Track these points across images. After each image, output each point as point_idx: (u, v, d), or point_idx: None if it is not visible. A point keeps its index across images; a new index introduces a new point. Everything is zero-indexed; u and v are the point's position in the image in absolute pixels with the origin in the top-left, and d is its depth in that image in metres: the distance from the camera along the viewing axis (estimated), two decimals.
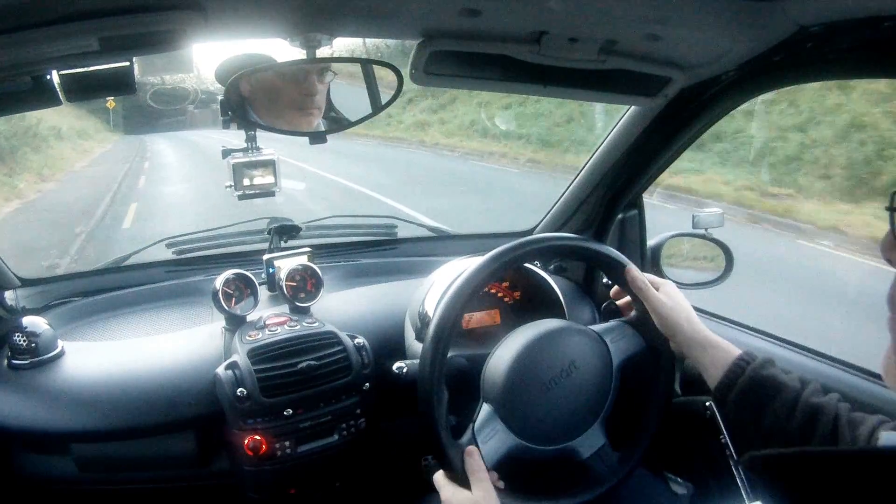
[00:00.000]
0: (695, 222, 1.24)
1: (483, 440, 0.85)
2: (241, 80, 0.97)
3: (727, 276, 1.25)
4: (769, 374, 0.80)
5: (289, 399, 1.04)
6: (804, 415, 0.76)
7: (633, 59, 0.89)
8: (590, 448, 0.91)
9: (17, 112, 0.84)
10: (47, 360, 1.08)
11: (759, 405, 0.78)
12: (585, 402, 0.91)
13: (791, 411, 0.76)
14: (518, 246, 0.89)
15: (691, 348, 0.86)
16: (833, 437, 0.74)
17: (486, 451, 0.84)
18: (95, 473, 1.11)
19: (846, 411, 0.76)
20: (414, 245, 1.64)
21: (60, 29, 0.66)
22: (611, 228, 1.35)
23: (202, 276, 1.42)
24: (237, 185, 1.15)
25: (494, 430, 0.86)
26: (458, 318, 0.86)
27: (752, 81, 0.95)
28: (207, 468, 1.14)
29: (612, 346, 0.93)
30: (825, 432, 0.74)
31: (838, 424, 0.74)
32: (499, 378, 0.88)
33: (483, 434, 0.85)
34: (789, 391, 0.78)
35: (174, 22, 0.69)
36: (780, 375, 0.80)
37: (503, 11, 0.76)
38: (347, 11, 0.78)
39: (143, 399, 1.04)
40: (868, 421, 0.74)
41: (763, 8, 0.73)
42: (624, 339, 0.94)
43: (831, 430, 0.74)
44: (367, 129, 13.85)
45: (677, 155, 1.20)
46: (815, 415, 0.76)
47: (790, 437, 0.76)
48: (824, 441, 0.74)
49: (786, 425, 0.76)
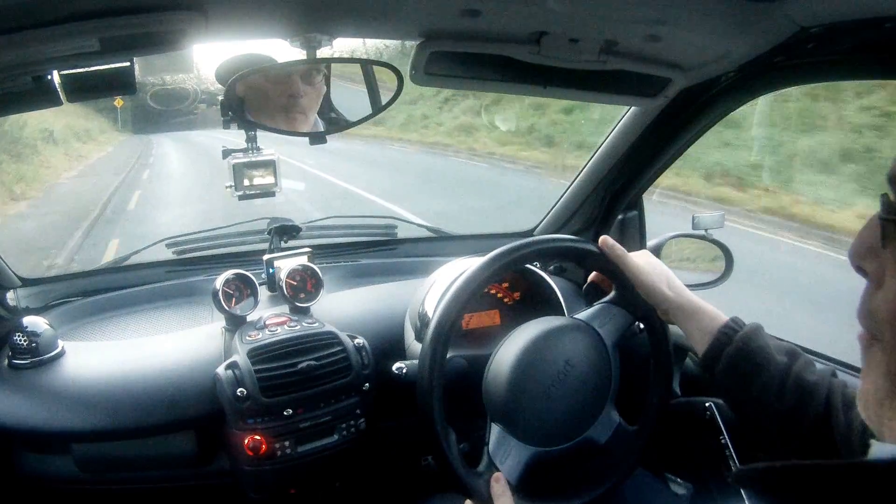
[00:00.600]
0: (695, 223, 1.24)
1: (501, 461, 0.85)
2: (239, 80, 0.97)
3: (727, 277, 1.25)
4: (757, 345, 0.77)
5: (289, 399, 1.04)
6: (794, 392, 0.74)
7: (633, 59, 0.89)
8: (606, 432, 0.91)
9: (18, 112, 0.84)
10: (48, 359, 1.08)
11: (747, 378, 0.76)
12: (590, 393, 0.91)
13: (781, 387, 0.74)
14: (518, 248, 0.89)
15: (676, 315, 0.85)
16: (826, 418, 0.72)
17: (506, 470, 0.85)
18: (95, 473, 1.11)
19: (840, 388, 0.73)
20: (414, 245, 1.64)
21: (61, 29, 0.66)
22: (610, 229, 1.35)
23: (202, 276, 1.42)
24: (237, 185, 1.15)
25: (509, 447, 0.86)
26: (457, 318, 0.86)
27: (752, 82, 0.96)
28: (207, 468, 1.14)
29: (602, 330, 0.93)
30: (817, 413, 0.72)
31: (831, 404, 0.72)
32: (500, 395, 0.88)
33: (500, 455, 0.86)
34: (777, 365, 0.75)
35: (175, 22, 0.69)
36: (768, 347, 0.77)
37: (503, 12, 0.76)
38: (347, 12, 0.78)
39: (143, 399, 1.04)
40: None
41: (763, 9, 0.73)
42: (611, 319, 0.94)
43: (824, 411, 0.72)
44: (402, 132, 12.77)
45: (677, 156, 1.20)
46: (807, 393, 0.73)
47: (782, 417, 0.74)
48: (817, 422, 0.72)
49: (776, 403, 0.74)
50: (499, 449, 0.86)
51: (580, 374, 0.90)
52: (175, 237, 1.49)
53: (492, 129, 10.47)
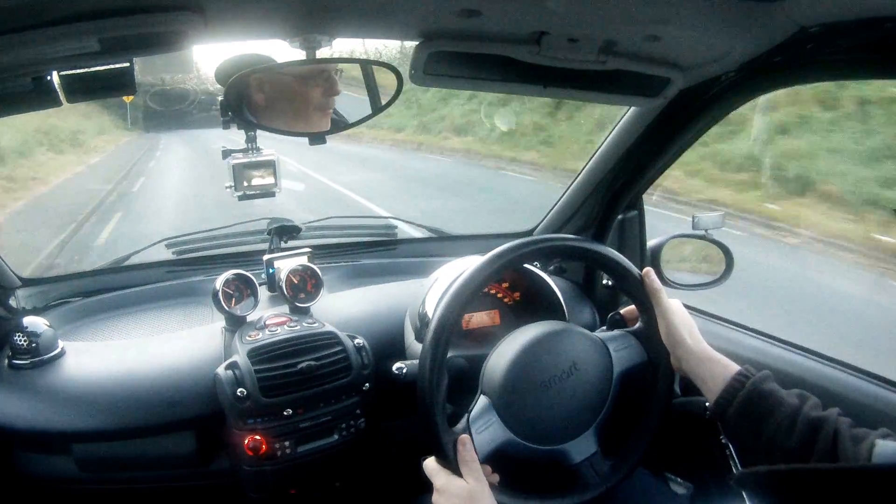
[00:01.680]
0: (695, 223, 1.24)
1: (477, 430, 0.85)
2: (249, 86, 0.97)
3: (727, 277, 1.25)
4: (768, 389, 0.79)
5: (289, 399, 1.04)
6: (803, 430, 0.75)
7: (633, 59, 0.89)
8: (581, 454, 0.91)
9: (17, 113, 0.84)
10: (48, 360, 1.08)
11: (758, 420, 0.78)
12: (582, 406, 0.91)
13: (791, 426, 0.76)
14: (521, 245, 0.89)
15: (690, 361, 0.87)
16: (833, 453, 0.73)
17: (478, 441, 0.84)
18: (96, 473, 1.12)
19: (847, 426, 0.75)
20: (413, 246, 1.65)
21: (61, 30, 0.66)
22: (610, 229, 1.35)
23: (202, 276, 1.42)
24: (237, 185, 1.15)
25: (489, 422, 0.86)
26: (458, 318, 0.86)
27: (752, 82, 0.95)
28: (207, 468, 1.14)
29: (615, 354, 0.93)
30: (825, 448, 0.73)
31: (838, 440, 0.73)
32: (499, 372, 0.88)
33: (477, 425, 0.85)
34: (788, 406, 0.77)
35: (174, 23, 0.69)
36: (779, 391, 0.80)
37: (503, 12, 0.76)
38: (347, 12, 0.78)
39: (143, 399, 1.05)
40: (871, 436, 0.72)
41: (763, 8, 0.73)
42: (627, 349, 0.94)
43: (831, 446, 0.73)
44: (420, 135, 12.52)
45: (677, 156, 1.20)
46: (815, 430, 0.75)
47: (790, 454, 0.75)
48: (823, 457, 0.73)
49: (785, 441, 0.75)
50: (479, 419, 0.86)
51: (582, 382, 0.90)
52: (175, 237, 1.49)
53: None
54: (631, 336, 0.95)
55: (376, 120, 1.00)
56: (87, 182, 9.52)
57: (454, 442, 0.82)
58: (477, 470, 0.81)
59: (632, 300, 0.96)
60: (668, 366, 0.93)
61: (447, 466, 0.82)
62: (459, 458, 0.81)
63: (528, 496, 0.87)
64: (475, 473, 0.80)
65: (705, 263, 1.29)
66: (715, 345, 0.87)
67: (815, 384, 1.01)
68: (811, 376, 1.04)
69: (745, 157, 6.00)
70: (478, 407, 0.87)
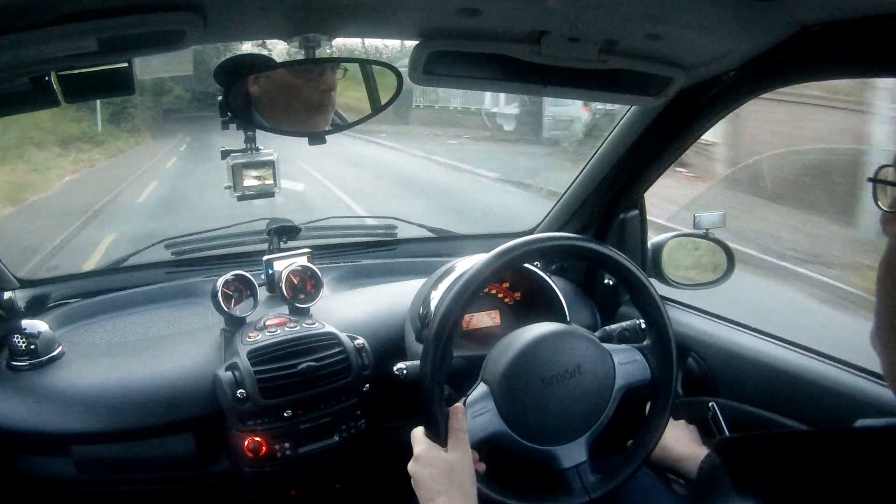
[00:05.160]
0: (696, 223, 1.24)
1: (472, 415, 0.84)
2: (247, 82, 0.97)
3: (728, 276, 1.25)
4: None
5: (289, 400, 1.04)
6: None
7: (633, 58, 0.89)
8: (571, 460, 0.90)
9: (15, 113, 0.84)
10: (46, 361, 1.08)
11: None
12: (579, 410, 0.90)
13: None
14: (526, 243, 0.88)
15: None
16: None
17: (471, 426, 0.83)
18: (95, 475, 1.11)
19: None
20: (413, 246, 1.64)
21: (59, 29, 0.65)
22: (611, 229, 1.35)
23: (202, 277, 1.42)
24: (236, 186, 1.15)
25: (485, 408, 0.86)
26: (459, 318, 0.86)
27: (753, 81, 0.95)
28: (207, 469, 1.14)
29: (620, 368, 0.92)
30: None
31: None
32: (503, 361, 0.88)
33: (473, 409, 0.85)
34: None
35: (173, 23, 0.69)
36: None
37: (503, 11, 0.75)
38: (346, 12, 0.77)
39: (142, 400, 1.04)
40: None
41: (764, 7, 0.73)
42: (632, 364, 0.93)
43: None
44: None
45: (678, 155, 1.19)
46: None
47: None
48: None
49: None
50: (476, 404, 0.85)
51: (583, 386, 0.89)
52: (174, 238, 1.48)
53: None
54: (638, 352, 0.95)
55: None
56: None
57: (447, 416, 0.81)
58: (464, 441, 0.80)
59: (641, 314, 0.95)
60: (668, 390, 0.93)
61: (434, 439, 0.82)
62: (450, 425, 0.80)
63: (509, 492, 0.87)
64: (462, 445, 0.79)
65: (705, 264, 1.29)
66: (715, 345, 0.86)
67: (815, 384, 1.01)
68: (809, 374, 1.03)
69: None
70: (476, 392, 0.87)
